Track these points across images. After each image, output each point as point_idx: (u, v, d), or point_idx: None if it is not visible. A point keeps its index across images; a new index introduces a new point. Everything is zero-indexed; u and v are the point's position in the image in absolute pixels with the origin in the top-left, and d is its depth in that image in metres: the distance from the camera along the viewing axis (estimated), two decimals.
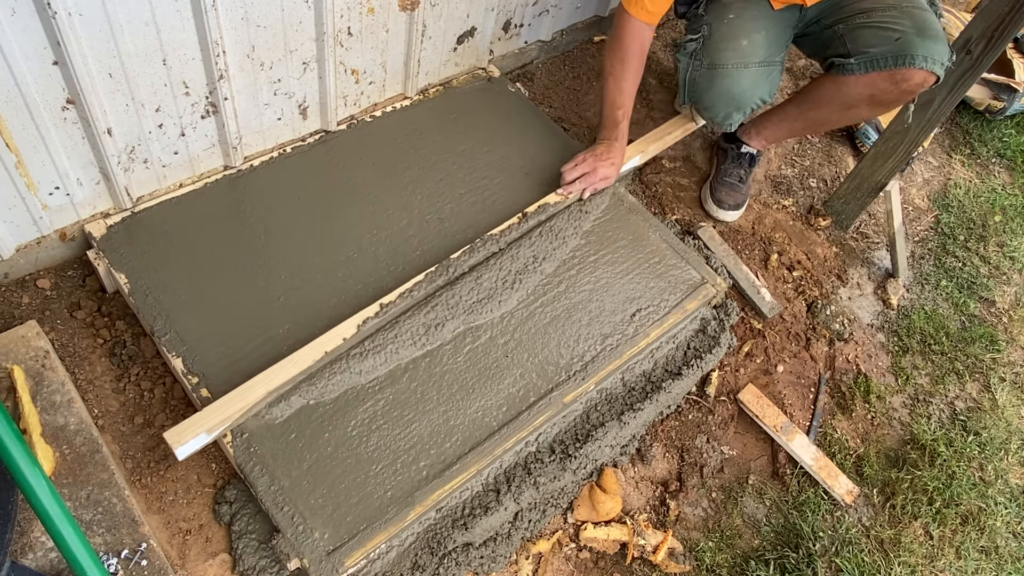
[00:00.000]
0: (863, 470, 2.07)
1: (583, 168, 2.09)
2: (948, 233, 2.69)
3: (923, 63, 1.88)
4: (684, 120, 2.38)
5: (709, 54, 2.06)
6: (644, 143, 2.29)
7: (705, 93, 2.10)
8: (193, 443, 1.51)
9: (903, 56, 1.90)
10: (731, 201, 2.38)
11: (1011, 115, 3.09)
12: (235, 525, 1.59)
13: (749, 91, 2.05)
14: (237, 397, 1.57)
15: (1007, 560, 1.97)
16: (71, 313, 1.77)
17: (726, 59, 2.03)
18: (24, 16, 1.36)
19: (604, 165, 2.09)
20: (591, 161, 2.09)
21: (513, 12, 2.34)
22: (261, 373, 1.62)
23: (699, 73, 2.09)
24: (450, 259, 1.89)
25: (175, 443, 1.49)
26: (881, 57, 1.93)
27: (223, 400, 1.57)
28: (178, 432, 1.51)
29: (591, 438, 1.81)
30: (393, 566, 1.60)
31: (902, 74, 1.92)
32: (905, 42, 1.90)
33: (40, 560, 1.38)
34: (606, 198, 2.13)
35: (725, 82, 2.04)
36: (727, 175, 2.40)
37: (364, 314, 1.75)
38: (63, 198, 1.70)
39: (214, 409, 1.55)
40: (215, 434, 1.54)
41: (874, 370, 2.28)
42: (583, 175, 2.08)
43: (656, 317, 1.96)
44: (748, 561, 1.87)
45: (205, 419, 1.53)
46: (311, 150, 2.05)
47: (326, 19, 1.79)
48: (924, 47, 1.88)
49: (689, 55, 2.10)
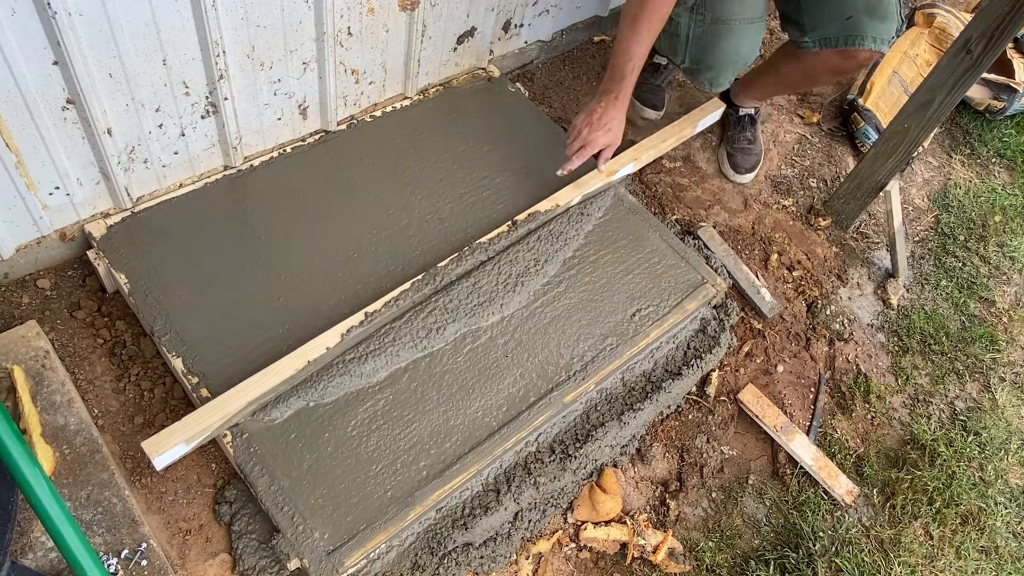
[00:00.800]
0: (863, 470, 2.07)
1: (580, 140, 1.96)
2: (948, 233, 2.69)
3: (871, 44, 1.97)
4: (680, 127, 2.35)
5: (711, 7, 1.98)
6: (637, 150, 2.23)
7: (710, 51, 2.03)
8: (171, 453, 1.50)
9: (852, 37, 1.97)
10: (748, 164, 2.49)
11: (1011, 115, 3.09)
12: (235, 525, 1.59)
13: (753, 47, 2.06)
14: (217, 407, 1.55)
15: (1007, 560, 1.97)
16: (71, 313, 1.77)
17: (732, 12, 1.97)
18: (24, 16, 1.36)
19: (601, 132, 1.94)
20: (587, 132, 1.95)
21: (513, 12, 2.34)
22: (242, 382, 1.59)
23: (703, 28, 2.00)
24: (438, 267, 1.87)
25: (153, 453, 1.47)
26: (832, 37, 2.00)
27: (202, 410, 1.55)
28: (155, 442, 1.49)
29: (591, 438, 1.81)
30: (393, 566, 1.60)
31: (851, 52, 2.01)
32: (855, 22, 1.97)
33: (40, 560, 1.38)
34: (607, 199, 2.13)
35: (733, 38, 2.00)
36: (736, 141, 2.49)
37: (348, 323, 1.73)
38: (63, 198, 1.71)
39: (193, 419, 1.53)
40: (194, 444, 1.53)
41: (874, 370, 2.28)
42: (581, 148, 1.96)
43: (656, 317, 1.96)
44: (748, 561, 1.87)
45: (184, 429, 1.51)
46: (311, 150, 2.05)
47: (326, 19, 1.79)
48: (872, 27, 1.96)
49: (689, 9, 2.00)
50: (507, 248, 1.96)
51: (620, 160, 2.15)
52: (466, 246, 1.93)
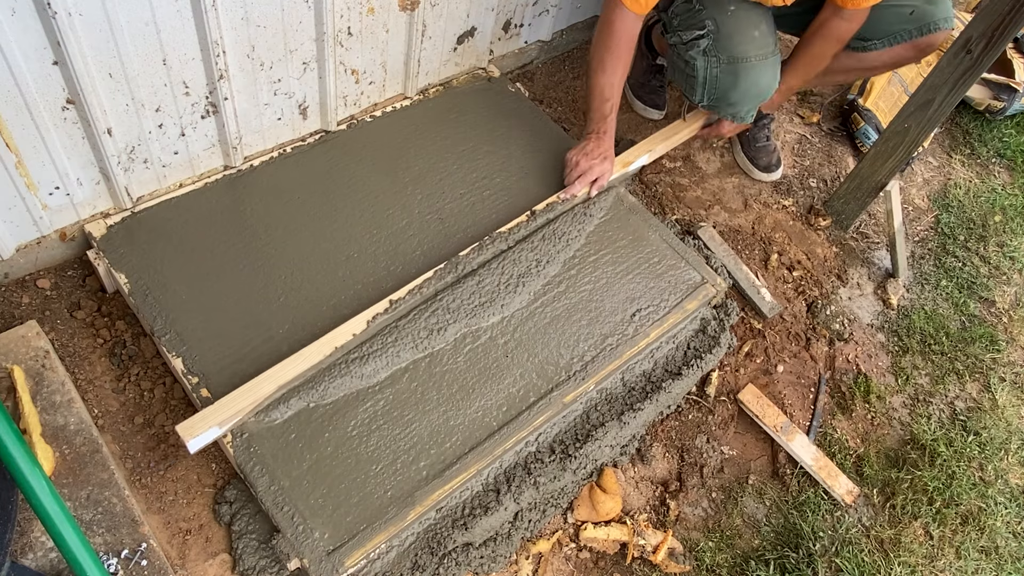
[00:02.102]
0: (863, 470, 2.07)
1: (579, 170, 2.09)
2: (948, 233, 2.69)
3: (944, 24, 2.05)
4: (690, 121, 2.38)
5: (726, 49, 2.00)
6: (650, 143, 2.28)
7: (732, 90, 2.06)
8: (205, 436, 1.52)
9: (925, 26, 2.06)
10: (773, 160, 2.56)
11: (1011, 115, 3.09)
12: (235, 525, 1.59)
13: (772, 81, 2.07)
14: (248, 391, 1.59)
15: (1007, 560, 1.97)
16: (71, 313, 1.77)
17: (747, 51, 1.99)
18: (24, 16, 1.36)
19: (597, 162, 2.09)
20: (584, 162, 2.09)
21: (513, 12, 2.34)
22: (271, 368, 1.63)
23: (720, 69, 2.03)
24: (459, 256, 1.90)
25: (187, 436, 1.50)
26: (903, 32, 2.08)
27: (234, 394, 1.58)
28: (190, 425, 1.52)
29: (591, 438, 1.81)
30: (393, 566, 1.60)
31: (926, 40, 2.09)
32: (920, 13, 2.05)
33: (40, 560, 1.38)
34: (608, 199, 2.13)
35: (752, 75, 2.01)
36: (757, 141, 2.54)
37: (374, 310, 1.76)
38: (63, 198, 1.71)
39: (225, 403, 1.56)
40: (227, 427, 1.55)
41: (874, 370, 2.28)
42: (581, 175, 2.08)
43: (656, 317, 1.96)
44: (748, 561, 1.87)
45: (217, 412, 1.55)
46: (311, 150, 2.05)
47: (326, 19, 1.79)
48: (939, 10, 2.05)
49: (703, 53, 2.03)
50: (525, 238, 1.99)
51: (635, 152, 2.19)
52: (467, 245, 1.93)
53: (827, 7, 2.01)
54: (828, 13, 2.02)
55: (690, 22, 2.04)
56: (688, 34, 2.05)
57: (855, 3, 1.94)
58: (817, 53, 2.12)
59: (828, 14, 2.02)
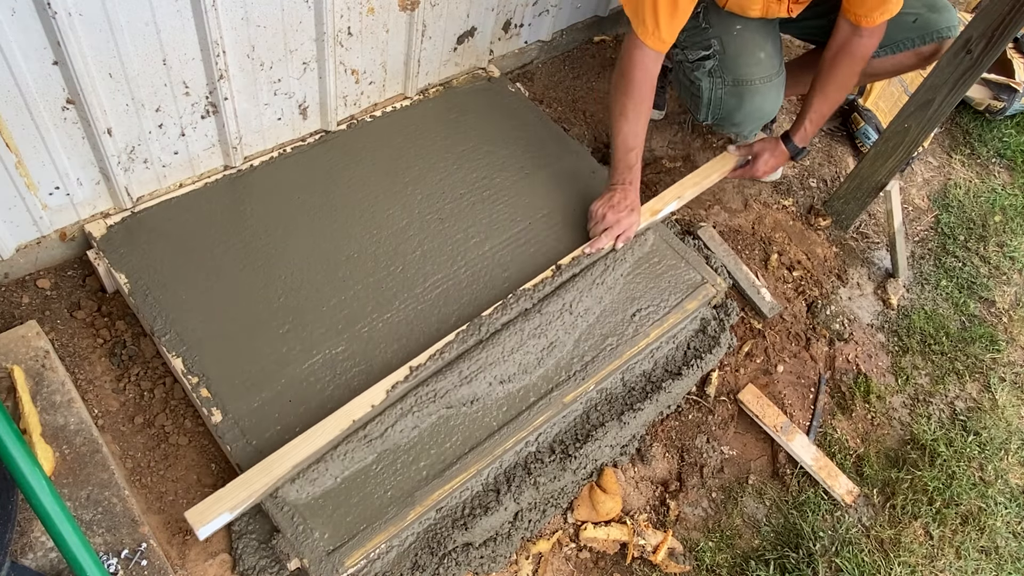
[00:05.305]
0: (863, 470, 2.07)
1: (605, 223, 1.98)
2: (948, 233, 2.69)
3: (947, 33, 2.05)
4: (721, 163, 2.26)
5: (731, 70, 2.00)
6: (680, 187, 2.16)
7: (736, 112, 2.06)
8: (215, 523, 1.44)
9: (927, 35, 2.06)
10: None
11: (1011, 115, 3.09)
12: (235, 525, 1.58)
13: (776, 103, 2.07)
14: (260, 472, 1.50)
15: (1007, 560, 1.97)
16: (71, 313, 1.77)
17: (752, 74, 1.99)
18: (24, 16, 1.36)
19: (624, 214, 1.97)
20: (611, 216, 1.97)
21: (513, 12, 2.34)
22: (285, 446, 1.53)
23: (724, 91, 2.03)
24: (481, 317, 1.80)
25: (197, 523, 1.42)
26: (906, 40, 2.08)
27: (247, 475, 1.49)
28: (200, 512, 1.44)
29: (591, 438, 1.81)
30: (393, 566, 1.60)
31: (929, 48, 2.09)
32: (923, 22, 2.05)
33: (40, 560, 1.38)
34: (646, 246, 2.05)
35: (756, 98, 2.02)
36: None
37: (393, 379, 1.67)
38: (63, 198, 1.71)
39: (237, 485, 1.47)
40: (238, 512, 1.47)
41: (874, 370, 2.28)
42: (607, 229, 1.97)
43: (656, 317, 1.96)
44: (748, 561, 1.87)
45: (229, 496, 1.46)
46: (311, 150, 2.05)
47: (326, 19, 1.79)
48: (943, 19, 2.05)
49: (708, 73, 2.03)
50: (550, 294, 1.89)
51: (663, 199, 2.11)
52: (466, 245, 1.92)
53: (842, 28, 1.96)
54: (846, 34, 1.96)
55: (696, 40, 2.03)
56: (694, 53, 2.04)
57: (870, 21, 1.89)
58: (844, 75, 2.03)
59: (846, 34, 1.96)
